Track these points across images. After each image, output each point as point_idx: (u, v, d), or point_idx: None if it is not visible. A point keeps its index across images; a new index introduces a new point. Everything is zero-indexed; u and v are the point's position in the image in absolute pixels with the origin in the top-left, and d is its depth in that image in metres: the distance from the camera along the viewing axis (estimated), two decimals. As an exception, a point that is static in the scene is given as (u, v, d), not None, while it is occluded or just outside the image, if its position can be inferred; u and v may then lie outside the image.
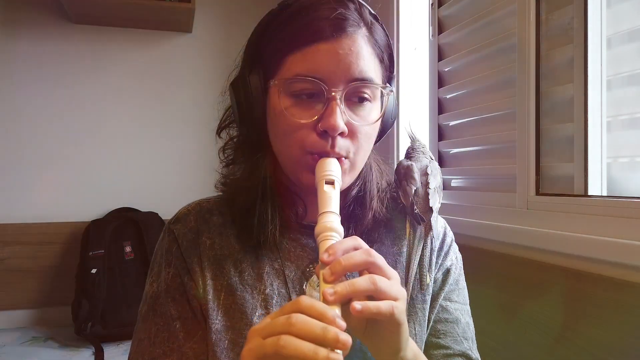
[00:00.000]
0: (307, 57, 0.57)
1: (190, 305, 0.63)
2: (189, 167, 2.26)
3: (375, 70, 0.60)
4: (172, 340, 0.62)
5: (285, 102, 0.58)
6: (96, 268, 1.89)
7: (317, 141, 0.58)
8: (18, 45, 2.11)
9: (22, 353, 1.71)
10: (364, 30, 0.59)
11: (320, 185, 0.56)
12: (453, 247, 0.74)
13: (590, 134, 0.93)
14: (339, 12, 0.57)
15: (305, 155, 0.59)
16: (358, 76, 0.58)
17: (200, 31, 2.32)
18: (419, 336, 0.66)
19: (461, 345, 0.68)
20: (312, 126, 0.58)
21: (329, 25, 0.57)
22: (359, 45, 0.58)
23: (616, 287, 0.78)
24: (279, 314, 0.43)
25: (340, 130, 0.57)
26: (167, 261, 0.65)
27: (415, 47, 1.60)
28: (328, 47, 0.56)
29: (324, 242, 0.50)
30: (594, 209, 0.87)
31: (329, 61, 0.56)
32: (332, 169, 0.57)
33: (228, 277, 0.63)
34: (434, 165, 0.70)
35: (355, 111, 0.60)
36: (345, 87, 0.57)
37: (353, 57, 0.57)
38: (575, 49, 0.96)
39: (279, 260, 0.65)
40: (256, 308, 0.62)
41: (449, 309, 0.69)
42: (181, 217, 0.68)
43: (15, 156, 2.11)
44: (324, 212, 0.53)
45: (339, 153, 0.58)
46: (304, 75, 0.57)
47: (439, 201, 0.67)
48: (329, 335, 0.40)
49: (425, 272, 0.64)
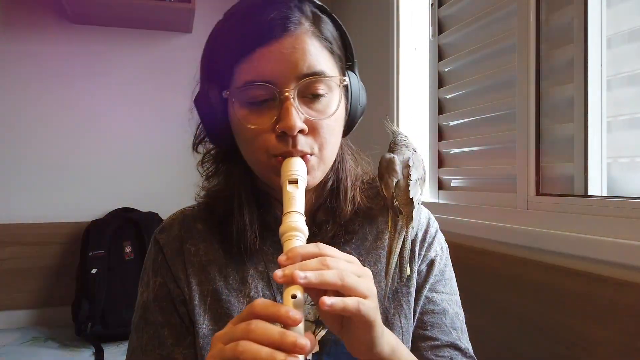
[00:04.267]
0: (253, 64, 0.57)
1: (178, 312, 0.65)
2: (189, 167, 2.24)
3: (326, 63, 0.60)
4: (162, 348, 0.64)
5: (241, 112, 0.59)
6: (96, 268, 1.89)
7: (278, 143, 0.58)
8: (18, 45, 2.11)
9: (22, 353, 1.71)
10: (307, 26, 0.59)
11: (284, 186, 0.56)
12: (437, 238, 0.73)
13: (590, 134, 0.93)
14: (277, 13, 0.57)
15: (270, 158, 0.59)
16: (307, 72, 0.57)
17: (200, 31, 2.32)
18: (405, 329, 0.66)
19: (449, 336, 0.67)
20: (271, 129, 0.58)
21: (269, 28, 0.57)
22: (302, 41, 0.58)
23: (616, 287, 0.78)
24: (237, 320, 0.44)
25: (298, 129, 0.57)
26: (154, 270, 0.67)
27: (415, 47, 1.60)
28: (271, 49, 0.56)
29: (287, 242, 0.50)
30: (594, 209, 0.87)
31: (274, 63, 0.57)
32: (296, 168, 0.57)
33: (213, 282, 0.64)
34: (416, 157, 0.69)
35: (312, 107, 0.59)
36: (296, 85, 0.57)
37: (298, 54, 0.57)
38: (575, 49, 0.96)
39: (262, 263, 0.66)
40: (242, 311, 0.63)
41: (436, 300, 0.69)
42: (166, 227, 0.69)
43: (15, 156, 2.11)
44: (288, 212, 0.53)
45: (302, 151, 0.58)
46: (253, 81, 0.57)
47: (420, 192, 0.67)
48: (287, 339, 0.41)
49: (405, 264, 0.64)
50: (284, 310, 0.42)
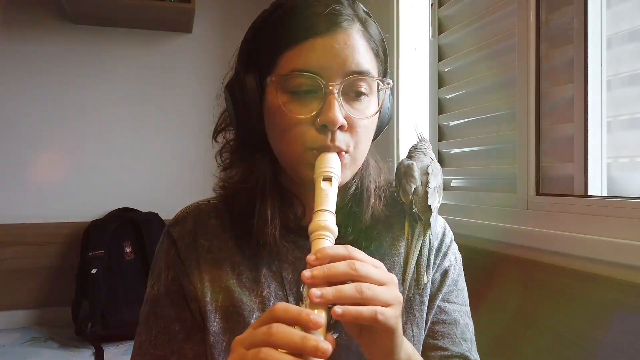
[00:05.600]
0: (302, 53, 0.57)
1: (190, 307, 0.64)
2: (189, 167, 2.26)
3: (371, 64, 0.60)
4: (173, 342, 0.63)
5: (282, 99, 0.58)
6: (96, 268, 1.88)
7: (316, 136, 0.57)
8: (18, 46, 2.11)
9: (22, 353, 1.71)
10: (358, 25, 0.59)
11: (318, 182, 0.55)
12: (452, 248, 0.73)
13: (590, 134, 0.93)
14: (332, 8, 0.57)
15: (306, 151, 0.58)
16: (355, 69, 0.58)
17: (200, 31, 2.32)
18: (416, 338, 0.66)
19: (459, 347, 0.67)
20: (311, 121, 0.57)
21: (323, 21, 0.57)
22: (354, 39, 0.58)
23: (616, 287, 0.78)
24: (258, 323, 0.44)
25: (339, 124, 0.56)
26: (166, 264, 0.66)
27: (415, 47, 1.60)
28: (323, 42, 0.56)
29: (316, 241, 0.50)
30: (594, 209, 0.87)
31: (325, 56, 0.56)
32: (332, 165, 0.56)
33: (226, 279, 0.63)
34: (435, 166, 0.70)
35: (353, 105, 0.59)
36: (342, 80, 0.57)
37: (349, 50, 0.57)
38: (575, 49, 0.96)
39: (276, 263, 0.65)
40: (253, 310, 0.62)
41: (447, 310, 0.69)
42: (179, 220, 0.68)
43: (15, 156, 2.11)
44: (319, 209, 0.52)
45: (339, 147, 0.58)
46: (301, 70, 0.56)
47: (438, 201, 0.67)
48: (308, 344, 0.40)
49: (423, 272, 0.64)
50: (305, 314, 0.42)
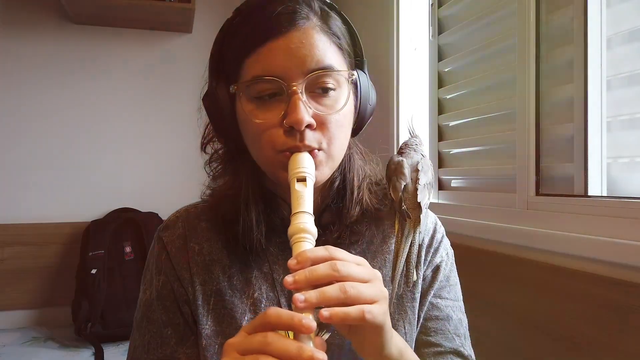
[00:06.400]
0: (261, 58, 0.57)
1: (181, 311, 0.64)
2: (189, 168, 2.24)
3: (334, 58, 0.59)
4: (165, 347, 0.63)
5: (248, 106, 0.58)
6: (96, 268, 1.89)
7: (285, 138, 0.57)
8: (18, 45, 2.11)
9: (22, 353, 1.71)
10: (315, 21, 0.59)
11: (292, 184, 0.55)
12: (444, 243, 0.73)
13: (590, 134, 0.93)
14: (284, 7, 0.57)
15: (278, 154, 0.58)
16: (315, 66, 0.57)
17: (200, 31, 2.32)
18: (409, 334, 0.66)
19: (453, 343, 0.67)
20: (278, 124, 0.57)
21: (278, 22, 0.56)
22: (310, 36, 0.57)
23: (616, 287, 0.78)
24: (251, 328, 0.44)
25: (306, 123, 0.56)
26: (157, 268, 0.66)
27: (415, 47, 1.60)
28: (279, 43, 0.56)
29: (296, 245, 0.50)
30: (594, 209, 0.87)
31: (282, 57, 0.56)
32: (304, 165, 0.56)
33: (217, 282, 0.64)
34: (425, 162, 0.69)
35: (321, 101, 0.59)
36: (304, 79, 0.57)
37: (306, 49, 0.57)
38: (575, 49, 0.96)
39: (267, 264, 0.65)
40: (245, 312, 0.63)
41: (440, 306, 0.69)
42: (170, 224, 0.69)
43: (15, 156, 2.11)
44: (296, 212, 0.52)
45: (309, 146, 0.57)
46: (261, 75, 0.56)
47: (428, 197, 0.67)
48: (304, 354, 0.41)
49: (412, 268, 0.63)
50: (297, 319, 0.42)
